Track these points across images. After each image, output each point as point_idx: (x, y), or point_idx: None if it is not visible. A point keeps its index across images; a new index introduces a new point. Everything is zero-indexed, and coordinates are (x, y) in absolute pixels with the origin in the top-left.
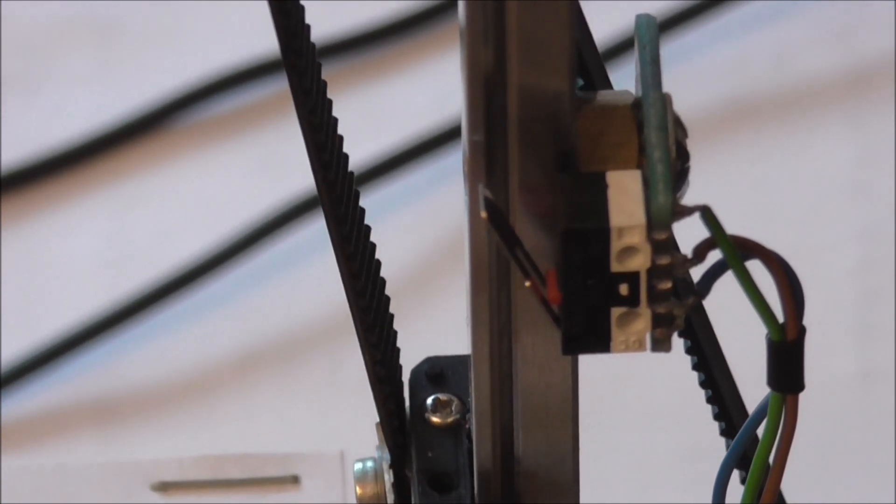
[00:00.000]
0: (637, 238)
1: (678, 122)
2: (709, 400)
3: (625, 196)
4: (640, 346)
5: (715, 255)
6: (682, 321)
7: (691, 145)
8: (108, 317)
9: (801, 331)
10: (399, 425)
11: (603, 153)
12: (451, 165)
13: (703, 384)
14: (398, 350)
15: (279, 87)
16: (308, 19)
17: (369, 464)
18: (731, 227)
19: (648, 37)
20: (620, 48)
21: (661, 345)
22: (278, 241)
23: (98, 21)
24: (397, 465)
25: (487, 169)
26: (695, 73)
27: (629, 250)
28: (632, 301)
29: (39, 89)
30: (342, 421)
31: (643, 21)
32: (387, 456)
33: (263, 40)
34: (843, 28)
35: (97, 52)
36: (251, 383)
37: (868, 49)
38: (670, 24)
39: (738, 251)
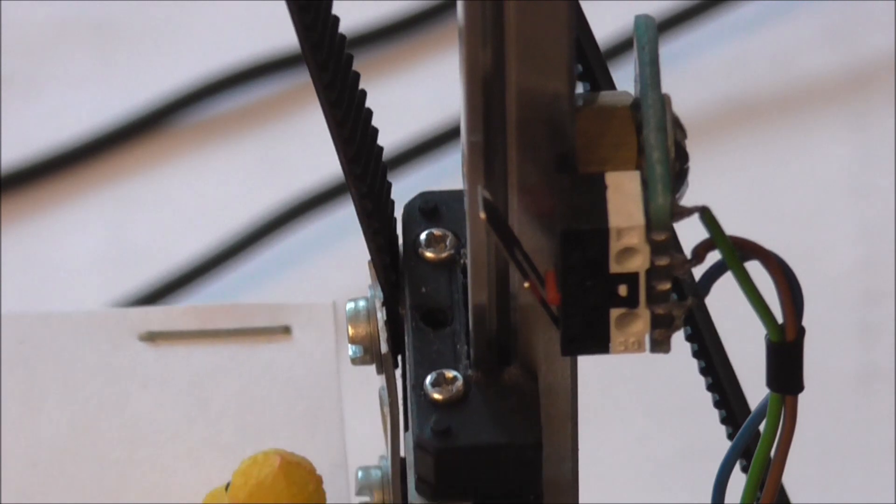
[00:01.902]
0: (636, 239)
1: (677, 123)
2: (716, 404)
3: (624, 197)
4: (639, 347)
5: (714, 256)
6: (682, 322)
7: (691, 145)
8: None
9: (801, 332)
10: (391, 262)
11: (602, 154)
12: (451, 165)
13: (706, 375)
14: (388, 184)
15: (279, 87)
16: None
17: (361, 303)
18: (731, 227)
19: (647, 37)
20: (620, 48)
21: (660, 346)
22: (278, 241)
23: (98, 21)
24: (390, 302)
25: (486, 170)
26: (695, 73)
27: (628, 251)
28: (631, 302)
29: (39, 89)
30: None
31: (642, 22)
32: (379, 294)
33: (263, 40)
34: (843, 28)
35: (97, 52)
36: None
37: (868, 49)
38: (670, 24)
39: (737, 252)
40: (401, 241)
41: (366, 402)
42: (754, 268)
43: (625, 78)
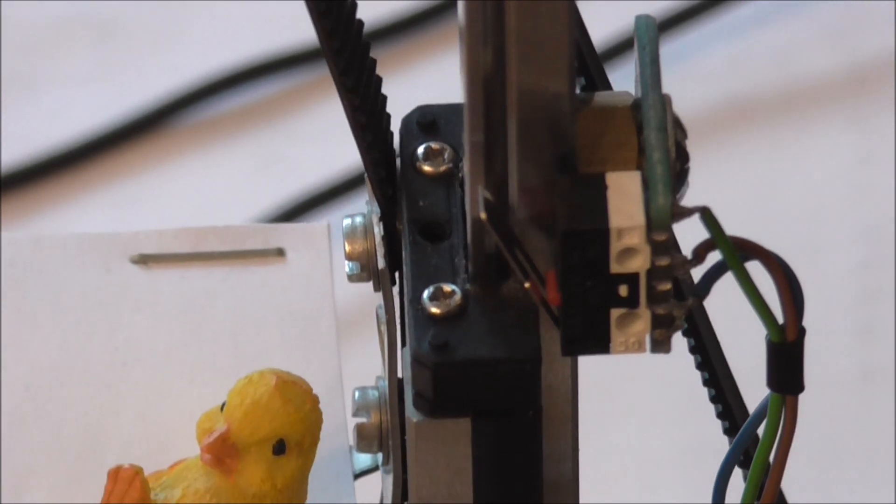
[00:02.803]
0: (636, 239)
1: (678, 123)
2: (712, 399)
3: (624, 197)
4: (639, 348)
5: (715, 256)
6: (682, 322)
7: (691, 145)
8: None
9: (801, 332)
10: (387, 176)
11: (602, 154)
12: None
13: (705, 383)
14: (383, 97)
15: (279, 87)
16: (308, 20)
17: (358, 219)
18: (731, 227)
19: (648, 38)
20: (619, 49)
21: (660, 346)
22: None
23: (98, 21)
24: (387, 217)
25: (487, 170)
26: (695, 73)
27: (628, 251)
28: (631, 302)
29: (39, 89)
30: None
31: (642, 22)
32: (376, 209)
33: (263, 40)
34: (843, 28)
35: (97, 52)
36: None
37: (868, 49)
38: (670, 24)
39: (738, 252)
40: (398, 155)
41: (361, 324)
42: (754, 268)
43: (624, 78)
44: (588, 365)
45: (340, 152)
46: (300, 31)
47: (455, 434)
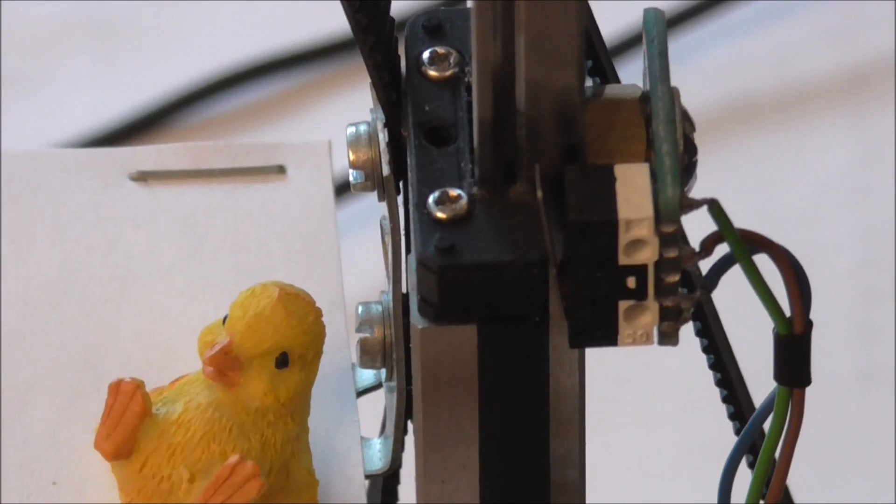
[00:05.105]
0: (645, 231)
1: (686, 116)
2: (724, 399)
3: (633, 189)
4: (647, 340)
5: (722, 249)
6: (690, 314)
7: None
8: None
9: (808, 325)
10: (392, 81)
11: (611, 146)
12: None
13: (718, 383)
14: (387, 1)
15: (279, 86)
16: (308, 19)
17: (362, 127)
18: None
19: (656, 31)
20: (621, 48)
21: (668, 338)
22: None
23: (98, 21)
24: (392, 124)
25: (496, 156)
26: (695, 73)
27: (637, 243)
28: (639, 294)
29: (39, 89)
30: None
31: (651, 15)
32: (381, 115)
33: (263, 40)
34: (843, 28)
35: (97, 52)
36: None
37: (868, 49)
38: (671, 24)
39: (746, 245)
40: (404, 60)
41: (362, 242)
42: (761, 261)
43: (628, 77)
44: (592, 364)
45: (340, 153)
46: (300, 31)
47: (461, 341)
